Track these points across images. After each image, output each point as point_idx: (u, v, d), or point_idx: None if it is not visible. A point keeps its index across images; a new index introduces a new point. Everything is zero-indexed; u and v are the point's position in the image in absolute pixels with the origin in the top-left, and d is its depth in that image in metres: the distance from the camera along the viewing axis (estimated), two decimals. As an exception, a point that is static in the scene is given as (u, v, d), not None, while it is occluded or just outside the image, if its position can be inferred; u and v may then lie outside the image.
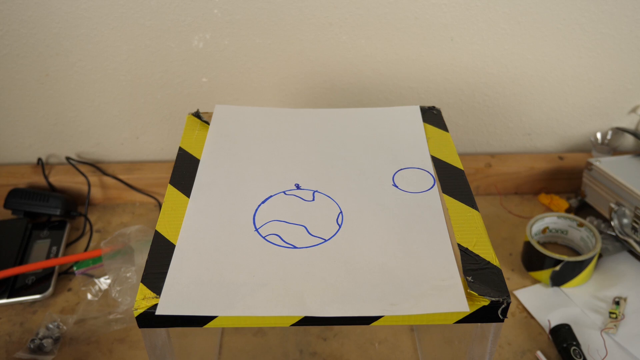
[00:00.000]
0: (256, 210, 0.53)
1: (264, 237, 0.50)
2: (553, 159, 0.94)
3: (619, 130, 0.94)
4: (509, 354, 0.69)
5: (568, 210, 0.90)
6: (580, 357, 0.66)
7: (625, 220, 0.80)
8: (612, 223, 0.81)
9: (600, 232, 0.82)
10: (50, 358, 0.67)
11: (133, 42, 0.82)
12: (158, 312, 0.42)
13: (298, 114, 0.67)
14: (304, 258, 0.48)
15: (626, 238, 0.79)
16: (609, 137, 0.94)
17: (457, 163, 0.59)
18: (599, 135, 0.95)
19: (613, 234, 0.81)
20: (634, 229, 0.79)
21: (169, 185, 0.55)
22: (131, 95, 0.88)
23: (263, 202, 0.54)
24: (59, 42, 0.82)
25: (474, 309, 0.43)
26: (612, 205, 0.81)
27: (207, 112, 0.67)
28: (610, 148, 0.93)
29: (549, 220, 0.82)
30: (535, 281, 0.79)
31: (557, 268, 0.75)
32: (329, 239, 0.50)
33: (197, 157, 0.59)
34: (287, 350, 0.69)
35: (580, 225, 0.81)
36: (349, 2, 0.81)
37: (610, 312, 0.72)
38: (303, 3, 0.80)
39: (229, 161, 0.59)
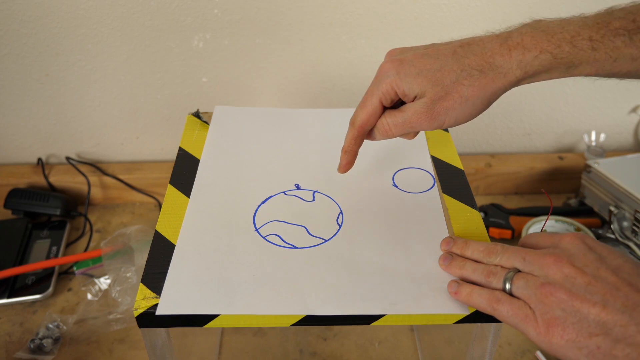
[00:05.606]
0: (256, 210, 0.53)
1: (264, 237, 0.50)
2: (553, 159, 0.94)
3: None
4: (509, 354, 0.69)
5: (567, 212, 0.90)
6: (580, 358, 0.65)
7: (625, 223, 0.80)
8: (612, 226, 0.81)
9: (600, 236, 0.82)
10: (50, 358, 0.67)
11: (133, 42, 0.82)
12: (158, 312, 0.42)
13: (298, 114, 0.67)
14: (304, 258, 0.48)
15: (626, 241, 0.79)
16: (601, 139, 0.94)
17: (457, 163, 0.59)
18: (592, 136, 0.94)
19: (613, 237, 0.81)
20: (634, 232, 0.79)
21: (169, 185, 0.55)
22: (131, 95, 0.88)
23: (263, 202, 0.54)
24: (59, 42, 0.82)
25: (474, 309, 0.43)
26: (612, 209, 0.81)
27: (207, 112, 0.67)
28: (602, 150, 0.92)
29: (547, 224, 0.82)
30: (535, 281, 0.78)
31: (557, 268, 0.75)
32: (329, 239, 0.50)
33: (197, 157, 0.59)
34: (287, 350, 0.69)
35: (578, 229, 0.80)
36: (349, 2, 0.81)
37: (610, 313, 0.72)
38: (303, 3, 0.80)
39: (229, 161, 0.59)
